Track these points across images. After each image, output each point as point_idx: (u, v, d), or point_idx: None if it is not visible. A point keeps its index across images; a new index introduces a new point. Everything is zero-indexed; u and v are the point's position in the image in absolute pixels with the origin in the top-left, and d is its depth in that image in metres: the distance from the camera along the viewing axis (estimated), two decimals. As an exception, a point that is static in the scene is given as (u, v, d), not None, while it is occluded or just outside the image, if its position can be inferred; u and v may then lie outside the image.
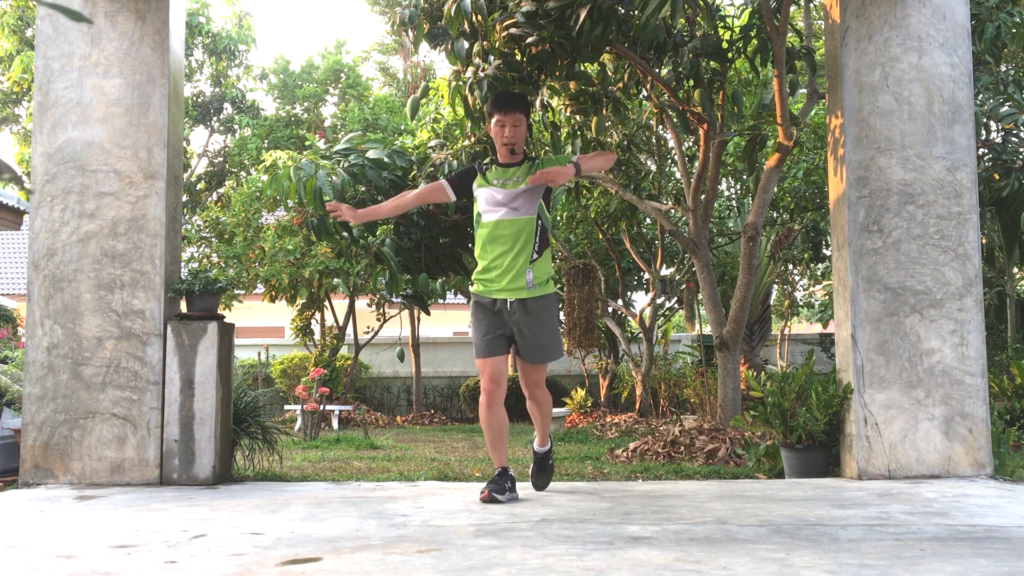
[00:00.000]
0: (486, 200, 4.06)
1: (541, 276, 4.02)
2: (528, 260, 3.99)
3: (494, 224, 4.02)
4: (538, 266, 4.01)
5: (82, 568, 2.66)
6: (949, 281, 4.78)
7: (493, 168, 4.13)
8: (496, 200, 4.03)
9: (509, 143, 4.07)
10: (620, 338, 11.79)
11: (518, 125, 4.07)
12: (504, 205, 4.01)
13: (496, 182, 4.07)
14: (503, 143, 4.08)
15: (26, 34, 14.64)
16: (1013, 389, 6.74)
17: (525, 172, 4.06)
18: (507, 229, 3.99)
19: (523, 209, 4.01)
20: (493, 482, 4.04)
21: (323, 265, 11.17)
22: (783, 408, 5.03)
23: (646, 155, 9.52)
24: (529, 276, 3.98)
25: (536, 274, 4.00)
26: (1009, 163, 7.39)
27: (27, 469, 4.66)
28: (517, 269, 3.98)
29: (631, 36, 6.03)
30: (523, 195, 4.02)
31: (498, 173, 4.10)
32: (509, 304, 3.99)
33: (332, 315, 13.02)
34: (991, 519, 3.44)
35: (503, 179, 4.07)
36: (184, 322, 4.78)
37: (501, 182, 4.07)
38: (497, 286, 4.00)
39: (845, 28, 4.92)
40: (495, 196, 4.03)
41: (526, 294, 3.98)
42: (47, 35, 4.88)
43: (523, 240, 3.99)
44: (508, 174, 4.08)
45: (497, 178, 4.08)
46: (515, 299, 3.98)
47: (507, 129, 4.06)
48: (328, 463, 6.43)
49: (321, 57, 18.02)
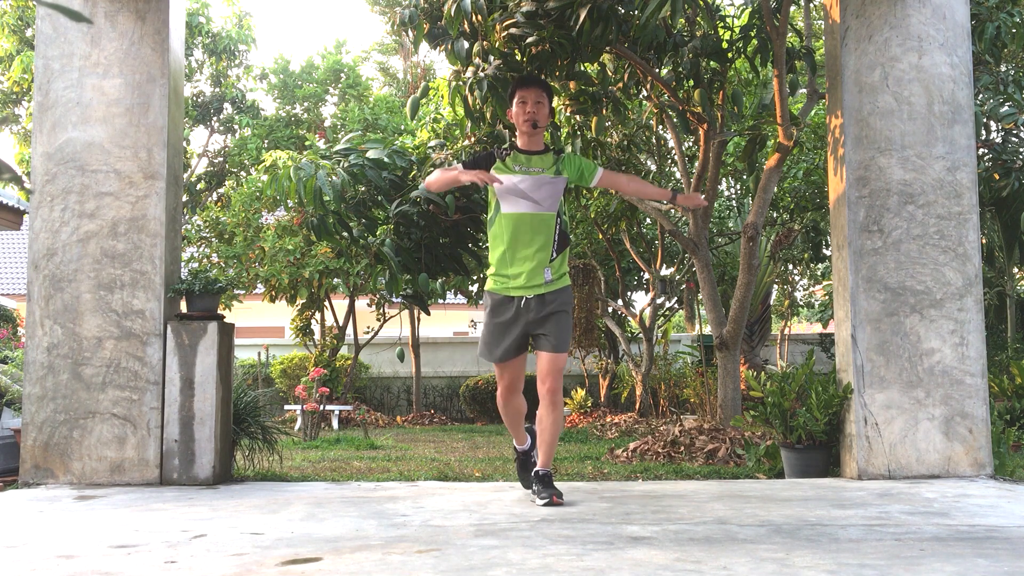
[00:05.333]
0: (507, 189, 3.94)
1: (558, 272, 3.99)
2: (548, 259, 3.94)
3: (516, 217, 3.93)
4: (556, 265, 3.97)
5: (82, 568, 2.66)
6: (949, 281, 4.78)
7: (513, 154, 4.01)
8: (519, 190, 3.92)
9: (531, 117, 3.98)
10: (620, 338, 11.79)
11: (540, 102, 4.00)
12: (527, 198, 3.92)
13: (517, 168, 3.96)
14: (525, 118, 3.99)
15: (26, 34, 14.64)
16: (1013, 389, 6.74)
17: (550, 163, 3.98)
18: (528, 224, 3.93)
19: (546, 204, 3.95)
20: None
21: (323, 265, 11.17)
22: (783, 408, 5.03)
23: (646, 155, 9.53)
24: (548, 274, 3.94)
25: (554, 271, 3.97)
26: (1009, 163, 7.39)
27: (27, 469, 4.66)
28: (535, 267, 3.92)
29: (631, 36, 6.03)
30: (546, 188, 3.95)
31: (519, 160, 3.99)
32: (524, 301, 3.94)
33: (332, 315, 13.02)
34: (991, 519, 3.44)
35: (525, 166, 3.97)
36: (184, 322, 4.78)
37: (523, 168, 3.96)
38: (515, 283, 3.94)
39: (845, 28, 4.92)
40: (517, 185, 3.92)
41: (544, 289, 3.94)
42: (47, 35, 4.88)
43: (543, 238, 3.94)
44: (531, 162, 3.98)
45: (518, 164, 3.97)
46: (532, 295, 3.94)
47: (529, 104, 3.98)
48: (328, 463, 6.43)
49: (321, 57, 18.01)
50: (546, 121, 4.07)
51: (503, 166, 4.00)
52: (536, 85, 4.08)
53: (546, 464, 4.04)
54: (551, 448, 4.02)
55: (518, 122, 4.06)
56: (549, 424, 3.96)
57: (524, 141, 4.06)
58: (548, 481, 4.00)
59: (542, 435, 4.00)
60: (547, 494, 3.90)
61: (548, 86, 4.17)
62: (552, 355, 3.93)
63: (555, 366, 3.93)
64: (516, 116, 4.07)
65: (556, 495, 3.90)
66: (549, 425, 3.97)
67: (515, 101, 4.05)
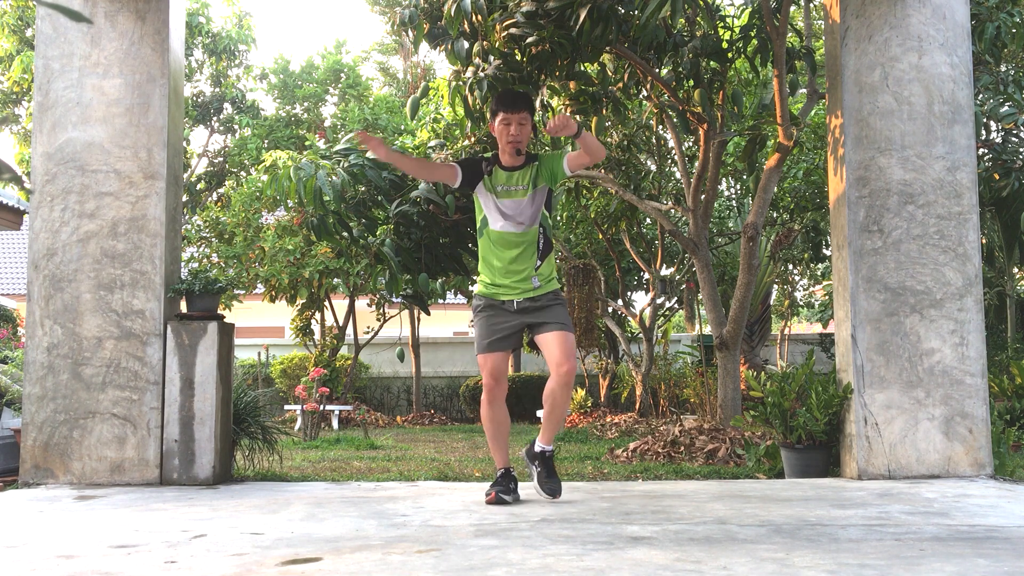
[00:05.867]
0: (492, 208, 4.05)
1: (546, 278, 4.08)
2: (533, 267, 4.03)
3: (499, 234, 4.03)
4: (542, 270, 4.07)
5: (82, 568, 2.66)
6: (949, 281, 4.78)
7: (496, 171, 4.07)
8: (503, 212, 4.02)
9: (515, 142, 4.00)
10: (620, 338, 11.79)
11: (524, 124, 4.01)
12: (510, 219, 4.02)
13: (500, 189, 4.04)
14: (508, 142, 4.02)
15: (26, 34, 14.63)
16: (1013, 389, 6.74)
17: (530, 177, 4.02)
18: (513, 241, 4.03)
19: (528, 222, 4.03)
20: (498, 483, 4.04)
21: (323, 265, 11.17)
22: (783, 408, 5.03)
23: (646, 155, 9.53)
24: (535, 281, 4.03)
25: (541, 278, 4.05)
26: (1009, 163, 7.39)
27: (27, 469, 4.66)
28: (523, 275, 4.02)
29: (631, 36, 6.03)
30: (527, 207, 4.02)
31: (503, 178, 4.05)
32: (516, 303, 4.02)
33: (332, 315, 13.02)
34: (991, 519, 3.44)
35: (508, 186, 4.03)
36: (184, 322, 4.78)
37: (506, 189, 4.03)
38: (504, 290, 4.04)
39: (845, 28, 4.92)
40: (501, 208, 4.02)
41: (533, 293, 4.02)
42: (47, 35, 4.88)
43: (529, 251, 4.04)
44: (513, 180, 4.04)
45: (501, 184, 4.04)
46: (523, 297, 4.01)
47: (513, 127, 3.99)
48: (328, 463, 6.43)
49: (321, 57, 18.01)
50: (527, 140, 4.09)
51: (489, 184, 4.06)
52: (520, 106, 4.04)
53: (549, 441, 4.13)
54: (557, 425, 4.09)
55: (501, 142, 4.06)
56: (560, 399, 3.96)
57: (506, 159, 4.08)
58: (551, 467, 4.11)
59: (552, 409, 4.00)
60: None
61: (531, 103, 4.15)
62: (562, 333, 3.94)
63: (568, 345, 3.93)
64: (499, 135, 4.06)
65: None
66: (560, 400, 3.96)
67: (498, 120, 4.04)
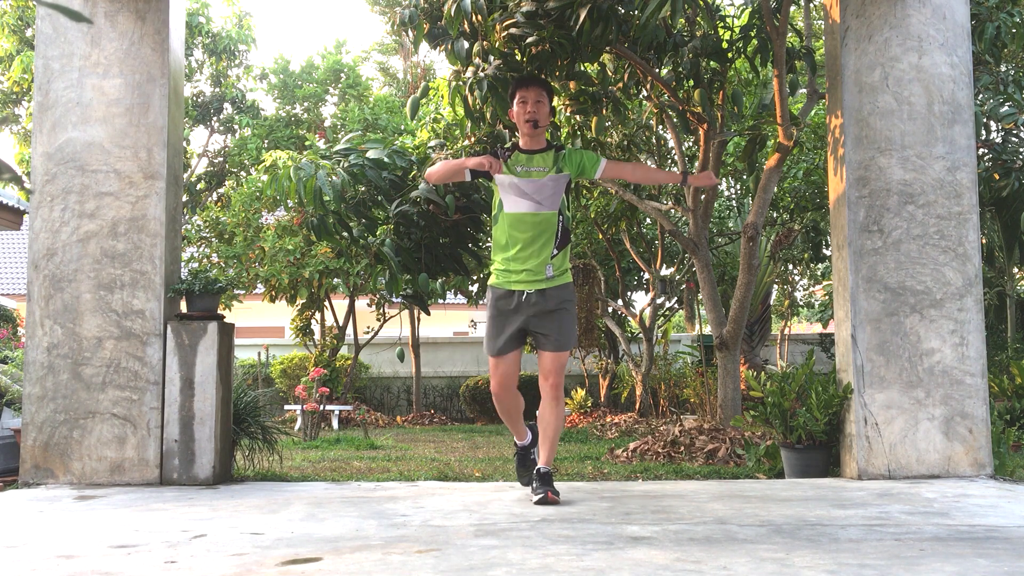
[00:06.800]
0: (510, 190, 4.02)
1: (560, 269, 4.05)
2: (549, 256, 4.00)
3: (517, 216, 3.99)
4: (557, 261, 4.03)
5: (82, 568, 2.66)
6: (949, 281, 4.78)
7: (515, 155, 4.07)
8: (521, 191, 3.99)
9: (532, 117, 4.02)
10: (620, 338, 11.79)
11: (541, 101, 4.04)
12: (528, 198, 3.99)
13: (520, 169, 4.03)
14: (526, 118, 4.03)
15: (26, 34, 14.63)
16: (1013, 389, 6.74)
17: (553, 160, 4.03)
18: (529, 221, 3.98)
19: (547, 204, 4.01)
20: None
21: (323, 265, 11.17)
22: (783, 408, 5.03)
23: (646, 155, 9.52)
24: (549, 270, 4.00)
25: (555, 268, 4.02)
26: (1009, 163, 7.39)
27: (27, 469, 4.66)
28: (538, 263, 3.98)
29: (631, 36, 6.03)
30: (548, 188, 4.00)
31: (521, 160, 4.05)
32: (526, 295, 3.99)
33: (332, 315, 13.02)
34: (991, 519, 3.44)
35: (527, 167, 4.03)
36: (184, 322, 4.78)
37: (525, 170, 4.03)
38: (516, 278, 4.00)
39: (845, 28, 4.92)
40: (520, 187, 4.00)
41: (545, 284, 4.00)
42: (47, 35, 4.88)
43: (545, 235, 4.00)
44: (533, 162, 4.04)
45: (521, 165, 4.04)
46: (534, 290, 3.99)
47: (529, 104, 4.03)
48: (328, 463, 6.43)
49: (321, 57, 18.00)
50: (547, 120, 4.12)
51: (506, 167, 4.06)
52: (536, 84, 4.13)
53: (548, 462, 4.07)
54: (553, 445, 4.06)
55: (519, 122, 4.11)
56: (552, 420, 4.01)
57: (525, 141, 4.12)
58: (548, 479, 4.01)
59: (544, 432, 4.04)
60: (543, 490, 3.92)
61: (548, 85, 4.22)
62: (554, 354, 4.01)
63: (557, 364, 4.01)
64: (517, 116, 4.12)
65: (552, 492, 3.92)
66: (552, 421, 4.01)
67: (515, 101, 4.11)
